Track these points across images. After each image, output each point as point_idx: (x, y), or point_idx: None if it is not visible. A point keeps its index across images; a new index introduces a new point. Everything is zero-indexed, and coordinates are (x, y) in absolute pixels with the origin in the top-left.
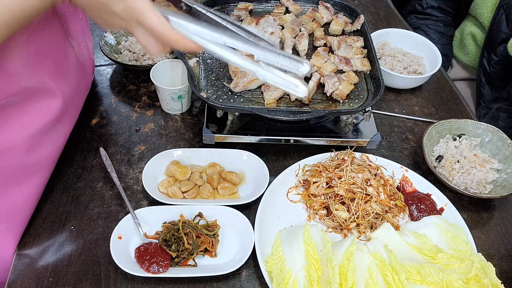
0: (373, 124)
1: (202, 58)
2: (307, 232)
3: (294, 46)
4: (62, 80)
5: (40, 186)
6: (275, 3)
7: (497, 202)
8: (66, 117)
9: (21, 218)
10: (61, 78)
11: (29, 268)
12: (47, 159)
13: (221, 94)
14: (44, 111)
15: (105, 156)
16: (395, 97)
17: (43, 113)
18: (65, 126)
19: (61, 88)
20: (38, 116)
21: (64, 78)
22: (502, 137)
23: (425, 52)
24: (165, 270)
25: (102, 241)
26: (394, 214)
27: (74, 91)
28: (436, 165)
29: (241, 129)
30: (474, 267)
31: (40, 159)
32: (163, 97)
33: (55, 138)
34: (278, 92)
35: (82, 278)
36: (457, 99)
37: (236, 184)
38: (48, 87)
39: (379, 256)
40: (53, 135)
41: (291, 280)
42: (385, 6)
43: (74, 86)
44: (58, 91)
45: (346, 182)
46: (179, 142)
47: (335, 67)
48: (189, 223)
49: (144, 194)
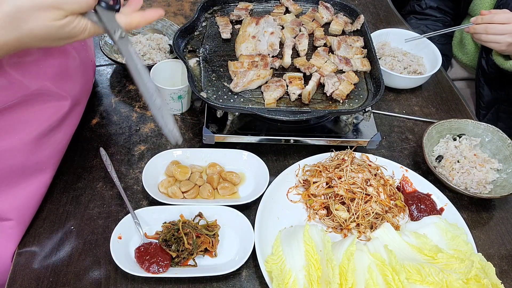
0: (373, 124)
1: (202, 58)
2: (307, 232)
3: (294, 46)
4: (69, 83)
5: (45, 186)
6: (275, 3)
7: (497, 202)
8: (70, 118)
9: (26, 217)
10: (67, 81)
11: (29, 268)
12: (52, 158)
13: (221, 94)
14: (52, 113)
15: (105, 156)
16: (395, 97)
17: (51, 114)
18: (70, 126)
19: (67, 90)
20: (45, 117)
21: (70, 80)
22: (502, 137)
23: (425, 52)
24: (165, 270)
25: (102, 241)
26: (394, 214)
27: (79, 92)
28: (436, 165)
29: (241, 129)
30: (474, 267)
31: (45, 159)
32: (163, 97)
33: (59, 138)
34: (278, 92)
35: (82, 278)
36: (457, 99)
37: (236, 184)
38: (55, 90)
39: (379, 256)
40: (58, 135)
41: (291, 280)
42: (385, 6)
43: (79, 87)
44: (65, 93)
45: (346, 182)
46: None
47: (335, 67)
48: (189, 223)
49: (144, 194)
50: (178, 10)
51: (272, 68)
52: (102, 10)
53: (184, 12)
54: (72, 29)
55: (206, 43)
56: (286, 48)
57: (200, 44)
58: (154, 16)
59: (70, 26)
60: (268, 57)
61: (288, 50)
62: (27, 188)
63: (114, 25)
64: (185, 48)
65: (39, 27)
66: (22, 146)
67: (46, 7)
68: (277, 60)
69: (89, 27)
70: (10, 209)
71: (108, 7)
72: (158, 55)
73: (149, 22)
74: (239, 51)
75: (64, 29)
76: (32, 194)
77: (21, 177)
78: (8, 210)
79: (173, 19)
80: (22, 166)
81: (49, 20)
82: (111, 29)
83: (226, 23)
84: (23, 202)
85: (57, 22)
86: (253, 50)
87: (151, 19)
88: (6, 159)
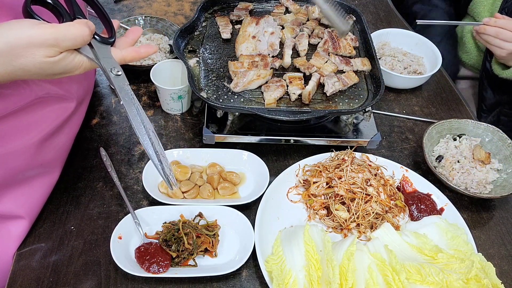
0: (373, 124)
1: (202, 58)
2: (307, 232)
3: (294, 46)
4: (74, 84)
5: (50, 187)
6: (275, 3)
7: (497, 202)
8: (74, 118)
9: (32, 217)
10: (73, 83)
11: (29, 268)
12: (57, 158)
13: (221, 94)
14: (59, 114)
15: (105, 156)
16: (395, 97)
17: (58, 115)
18: (74, 126)
19: (72, 91)
20: (52, 118)
21: (75, 81)
22: (502, 137)
23: (425, 52)
24: (165, 270)
25: (102, 241)
26: (394, 214)
27: (83, 93)
28: (436, 165)
29: (241, 129)
30: (474, 267)
31: (50, 159)
32: (163, 97)
33: (64, 138)
34: (278, 92)
35: (82, 278)
36: (457, 99)
37: (236, 184)
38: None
39: (379, 256)
40: (62, 136)
41: (291, 280)
42: (385, 6)
43: (83, 88)
44: (71, 95)
45: (346, 182)
46: (179, 142)
47: (335, 67)
48: (189, 223)
49: (144, 194)
50: (178, 10)
51: (272, 68)
52: (97, 43)
53: (184, 12)
54: (66, 65)
55: (206, 43)
56: (286, 48)
57: (200, 44)
58: (148, 52)
59: (65, 62)
60: (268, 57)
61: (288, 50)
62: (34, 189)
63: (110, 63)
64: (185, 48)
65: (32, 63)
66: (28, 147)
67: (40, 44)
68: (277, 60)
69: (84, 63)
70: (19, 208)
71: (102, 41)
72: (158, 55)
73: (142, 58)
74: (239, 51)
75: (58, 65)
76: (39, 195)
77: (27, 178)
78: (17, 209)
79: (173, 19)
80: (29, 167)
81: (43, 56)
82: (107, 66)
83: (226, 23)
84: (30, 202)
85: (51, 58)
86: (253, 50)
87: (145, 56)
88: (13, 161)
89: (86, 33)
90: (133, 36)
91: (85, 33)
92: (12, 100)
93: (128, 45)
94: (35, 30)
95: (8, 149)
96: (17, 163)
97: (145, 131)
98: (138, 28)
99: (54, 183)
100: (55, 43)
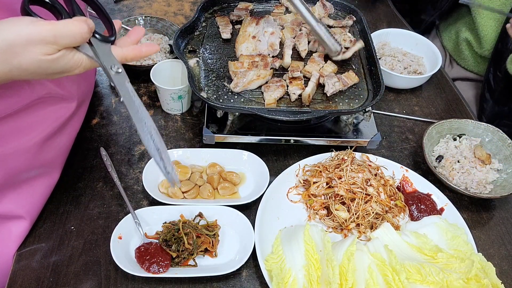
0: (373, 124)
1: (202, 58)
2: (307, 232)
3: (294, 46)
4: (75, 84)
5: (51, 187)
6: (275, 3)
7: (497, 202)
8: (75, 118)
9: (33, 217)
10: (73, 82)
11: (29, 268)
12: (58, 158)
13: (221, 94)
14: (60, 114)
15: (105, 156)
16: (395, 97)
17: (59, 116)
18: (74, 126)
19: (73, 91)
20: (53, 118)
21: (76, 81)
22: (502, 137)
23: (425, 52)
24: (165, 270)
25: (102, 241)
26: (394, 214)
27: (84, 92)
28: (436, 165)
29: (241, 129)
30: (474, 267)
31: (51, 159)
32: (163, 97)
33: (65, 139)
34: (278, 92)
35: (82, 278)
36: (457, 99)
37: (236, 184)
38: (62, 92)
39: (379, 256)
40: (63, 136)
41: (290, 279)
42: (385, 6)
43: (83, 88)
44: (72, 95)
45: (346, 182)
46: (179, 142)
47: (335, 68)
48: (189, 223)
49: (144, 194)
50: (178, 10)
51: (272, 68)
52: (97, 42)
53: (184, 12)
54: (65, 63)
55: (206, 43)
56: (286, 48)
57: (200, 44)
58: (150, 51)
59: (64, 60)
60: (268, 57)
61: (288, 50)
62: (34, 189)
63: (110, 60)
64: (185, 48)
65: (30, 61)
66: (29, 147)
67: (38, 41)
68: (277, 60)
69: (84, 62)
70: (20, 208)
71: (103, 39)
72: (158, 55)
73: (144, 57)
74: (239, 51)
75: (56, 64)
76: (39, 195)
77: (28, 178)
78: (18, 209)
79: (173, 19)
80: (29, 167)
81: (41, 54)
82: (107, 64)
83: (226, 23)
84: (31, 202)
85: (49, 56)
86: (253, 50)
87: (146, 55)
88: (14, 161)
89: (85, 30)
90: (135, 36)
91: (84, 30)
92: (13, 100)
93: (130, 45)
94: (33, 27)
95: (8, 150)
96: (17, 164)
97: (146, 128)
98: (141, 28)
99: (55, 183)
100: (54, 40)
